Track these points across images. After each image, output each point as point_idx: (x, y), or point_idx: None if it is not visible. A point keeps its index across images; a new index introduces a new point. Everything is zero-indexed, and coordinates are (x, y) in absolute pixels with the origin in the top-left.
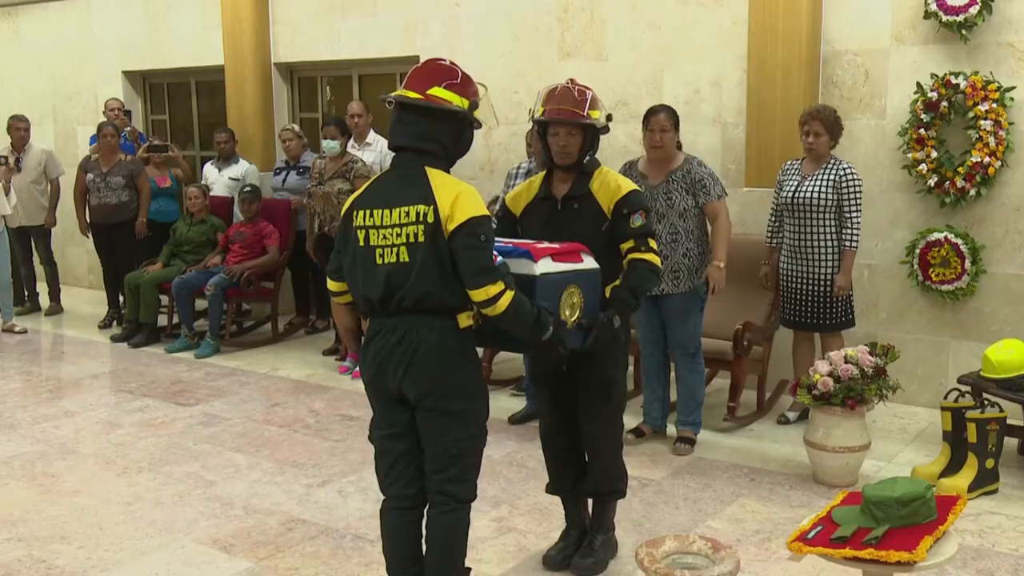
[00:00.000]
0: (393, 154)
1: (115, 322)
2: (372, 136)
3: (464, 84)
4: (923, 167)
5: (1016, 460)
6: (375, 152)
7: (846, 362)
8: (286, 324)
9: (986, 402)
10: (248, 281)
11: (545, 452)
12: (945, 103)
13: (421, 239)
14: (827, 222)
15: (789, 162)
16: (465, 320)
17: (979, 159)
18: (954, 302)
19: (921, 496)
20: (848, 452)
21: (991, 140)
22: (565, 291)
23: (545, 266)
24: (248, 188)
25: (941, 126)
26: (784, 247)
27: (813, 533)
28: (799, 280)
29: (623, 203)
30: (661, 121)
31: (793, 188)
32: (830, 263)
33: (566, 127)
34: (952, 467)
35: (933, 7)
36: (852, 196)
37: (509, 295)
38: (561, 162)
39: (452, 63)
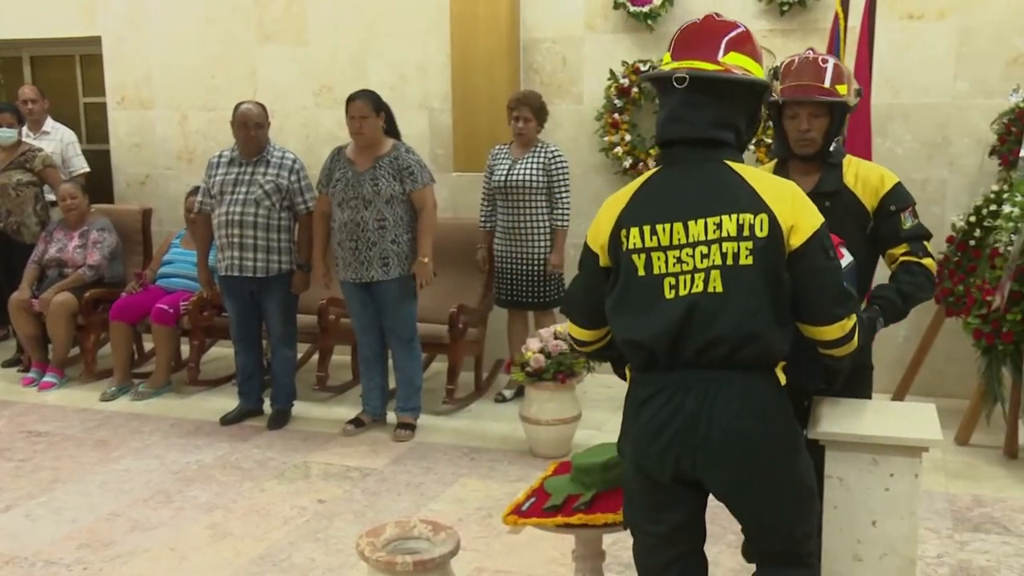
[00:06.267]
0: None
1: None
2: (50, 124)
3: (754, 44)
4: (618, 150)
5: None
6: (55, 141)
7: (556, 338)
8: None
9: None
10: None
11: None
12: (636, 89)
13: (746, 260)
14: (539, 204)
15: (498, 147)
16: (782, 375)
17: None
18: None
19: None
20: (561, 424)
21: None
22: None
23: None
24: None
25: (633, 111)
26: (498, 230)
27: (527, 505)
28: (514, 261)
29: (890, 198)
30: (360, 107)
31: (505, 172)
32: (543, 243)
33: (808, 107)
34: None
35: None
36: (561, 178)
37: (857, 326)
38: (801, 150)
39: (718, 15)
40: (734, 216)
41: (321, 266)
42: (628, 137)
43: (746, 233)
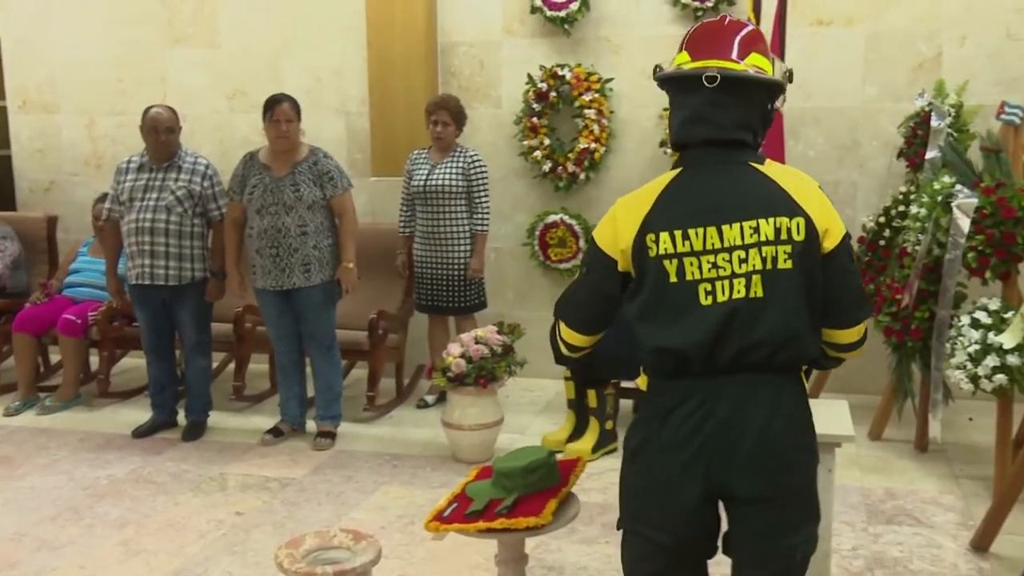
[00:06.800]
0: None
1: None
2: None
3: (766, 43)
4: (537, 153)
5: (632, 419)
6: None
7: (476, 343)
8: None
9: None
10: None
11: None
12: (554, 93)
13: (785, 264)
14: (458, 208)
15: (416, 151)
16: (805, 378)
17: (586, 145)
18: (572, 279)
19: (545, 463)
20: (483, 429)
21: (595, 127)
22: None
23: None
24: None
25: (551, 115)
26: (418, 235)
27: (449, 511)
28: (434, 266)
29: None
30: (285, 111)
31: (424, 177)
32: (463, 248)
33: None
34: (577, 432)
35: (538, 2)
36: (480, 182)
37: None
38: None
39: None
40: (771, 220)
41: (236, 274)
42: (547, 141)
43: (784, 237)
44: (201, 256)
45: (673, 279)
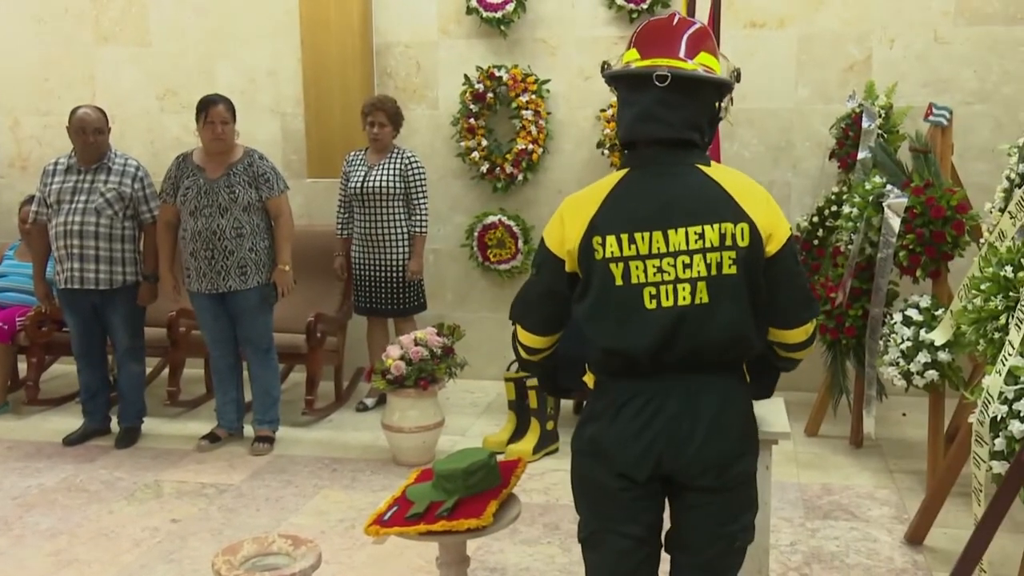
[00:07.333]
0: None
1: None
2: None
3: (714, 42)
4: (475, 155)
5: (573, 420)
6: None
7: (416, 344)
8: None
9: None
10: None
11: None
12: (491, 94)
13: (729, 269)
14: (396, 210)
15: (353, 153)
16: (747, 372)
17: (524, 146)
18: (511, 280)
19: (485, 464)
20: (424, 431)
21: (533, 128)
22: None
23: None
24: None
25: (489, 116)
26: (355, 236)
27: (389, 514)
28: (372, 268)
29: None
30: (220, 112)
31: (361, 178)
32: (402, 249)
33: None
34: (518, 433)
35: (474, 3)
36: (418, 184)
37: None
38: None
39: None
40: (716, 226)
41: (170, 277)
42: (485, 142)
43: (728, 243)
44: (133, 259)
45: (619, 282)
